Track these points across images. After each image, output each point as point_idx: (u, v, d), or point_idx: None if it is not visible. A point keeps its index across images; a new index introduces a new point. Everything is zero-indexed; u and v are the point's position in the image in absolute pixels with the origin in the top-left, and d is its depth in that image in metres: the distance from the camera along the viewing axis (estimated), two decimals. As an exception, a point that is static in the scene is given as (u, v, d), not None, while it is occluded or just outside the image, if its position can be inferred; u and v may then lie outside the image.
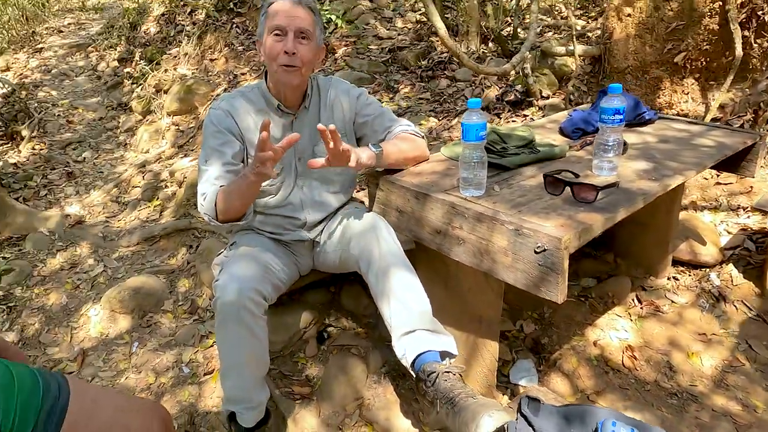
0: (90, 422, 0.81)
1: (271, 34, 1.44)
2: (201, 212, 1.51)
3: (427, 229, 1.46)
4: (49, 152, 3.97)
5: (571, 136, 1.88)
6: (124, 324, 2.26)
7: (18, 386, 0.72)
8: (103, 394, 0.90)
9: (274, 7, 1.45)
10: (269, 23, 1.44)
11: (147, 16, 5.39)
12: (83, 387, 0.86)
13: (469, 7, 3.30)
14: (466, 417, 1.05)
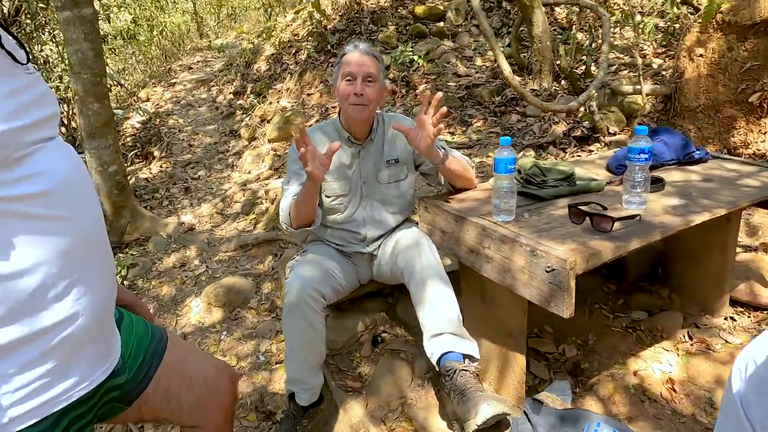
0: (179, 365, 1.08)
1: (344, 80, 1.73)
2: (280, 222, 1.83)
3: (463, 248, 1.65)
4: (173, 170, 4.64)
5: (614, 172, 1.97)
6: (217, 316, 2.65)
7: (135, 330, 1.02)
8: (191, 349, 1.18)
9: (346, 57, 1.75)
10: (342, 70, 1.74)
11: (259, 56, 6.10)
12: (179, 341, 1.15)
13: (543, 47, 3.44)
14: (470, 405, 1.22)
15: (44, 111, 0.74)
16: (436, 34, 4.79)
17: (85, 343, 0.77)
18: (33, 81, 0.74)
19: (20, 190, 0.67)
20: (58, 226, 0.72)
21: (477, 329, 1.85)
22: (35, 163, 0.69)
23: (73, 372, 0.76)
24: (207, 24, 12.58)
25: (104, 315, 0.83)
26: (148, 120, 5.48)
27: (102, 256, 0.83)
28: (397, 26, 4.95)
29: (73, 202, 0.74)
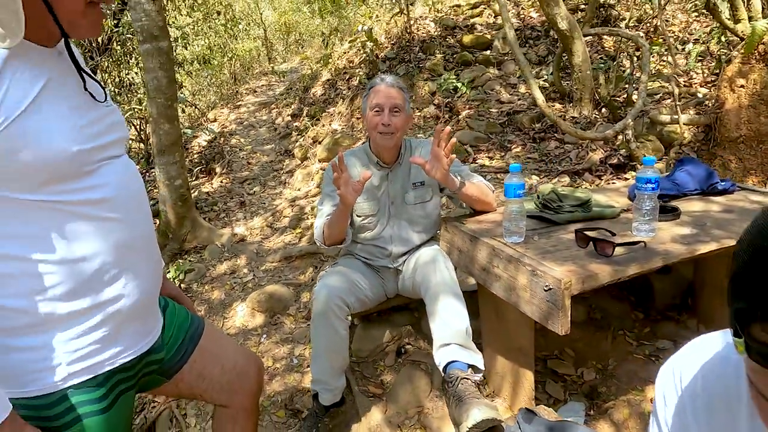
0: (213, 350, 1.23)
1: (372, 111, 1.90)
2: (315, 239, 2.00)
3: (476, 266, 1.75)
4: (231, 185, 4.99)
5: (633, 200, 2.00)
6: (259, 320, 2.85)
7: (177, 317, 1.19)
8: (224, 338, 1.33)
9: (374, 90, 1.91)
10: (370, 102, 1.90)
11: (317, 81, 6.45)
12: (214, 330, 1.30)
13: (583, 76, 3.47)
14: (463, 409, 1.31)
15: (113, 136, 0.94)
16: (482, 62, 4.91)
17: (130, 319, 0.95)
18: (108, 113, 0.95)
19: (86, 196, 0.87)
20: (113, 226, 0.90)
21: (492, 346, 1.92)
22: (100, 176, 0.89)
23: (120, 342, 0.94)
24: (276, 49, 13.32)
25: (147, 300, 1.00)
26: (214, 139, 5.92)
27: (148, 252, 1.00)
28: (445, 54, 5.12)
29: (126, 208, 0.93)
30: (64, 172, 0.84)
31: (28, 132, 0.79)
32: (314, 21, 11.21)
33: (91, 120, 0.90)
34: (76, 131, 0.86)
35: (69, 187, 0.85)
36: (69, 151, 0.83)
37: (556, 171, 3.20)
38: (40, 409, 0.87)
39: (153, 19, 3.35)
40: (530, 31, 5.25)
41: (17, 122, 0.78)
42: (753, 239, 0.45)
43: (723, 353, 0.65)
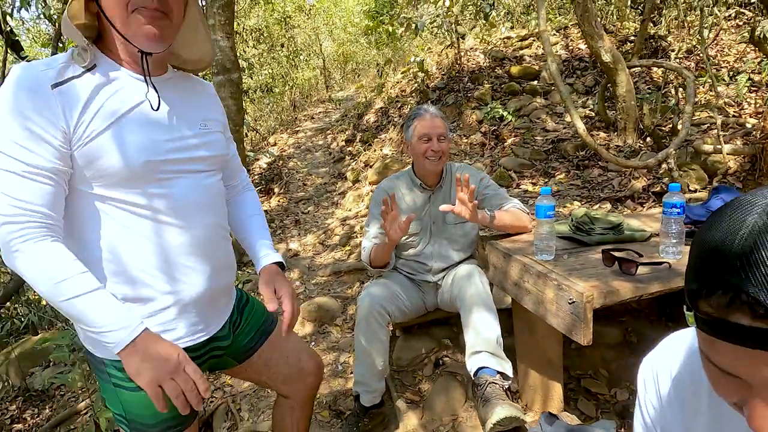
0: (280, 345, 1.37)
1: (421, 139, 2.07)
2: (362, 258, 2.19)
3: (509, 281, 1.86)
4: (288, 205, 5.31)
5: (667, 225, 2.06)
6: (308, 329, 3.05)
7: (254, 313, 1.34)
8: (294, 336, 1.45)
9: (419, 121, 2.08)
10: (417, 132, 2.07)
11: (370, 109, 6.75)
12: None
13: (627, 106, 3.52)
14: (489, 407, 1.42)
15: (193, 153, 1.06)
16: (529, 91, 5.02)
17: (187, 312, 1.09)
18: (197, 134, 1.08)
19: (151, 201, 1.00)
20: (172, 230, 1.03)
21: (524, 360, 2.01)
22: (168, 186, 1.02)
23: (179, 330, 1.09)
24: (333, 78, 13.93)
25: (206, 296, 1.11)
26: (273, 161, 6.31)
27: (209, 256, 1.10)
28: (493, 84, 5.27)
29: (189, 217, 1.05)
30: (134, 177, 0.97)
31: (108, 144, 0.94)
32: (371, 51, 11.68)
33: (172, 137, 1.03)
34: (149, 145, 0.99)
35: (135, 189, 0.98)
36: (139, 161, 0.97)
37: (598, 197, 3.25)
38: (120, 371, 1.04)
39: (227, 54, 3.73)
40: (578, 62, 5.32)
41: (101, 136, 0.94)
42: (701, 232, 0.57)
43: (690, 345, 0.75)
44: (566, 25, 6.08)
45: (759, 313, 0.46)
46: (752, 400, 0.51)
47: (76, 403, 3.31)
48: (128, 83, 1.01)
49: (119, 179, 0.97)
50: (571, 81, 5.11)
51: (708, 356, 0.54)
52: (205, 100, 1.18)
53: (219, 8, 3.57)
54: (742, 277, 0.47)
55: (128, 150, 0.96)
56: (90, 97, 0.95)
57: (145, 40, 0.97)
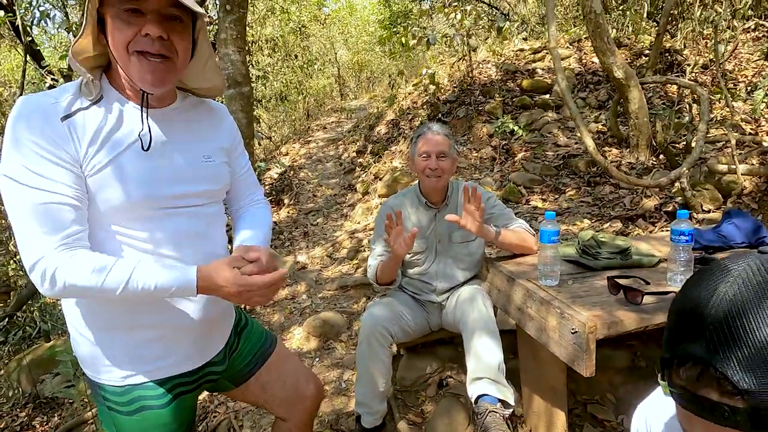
0: (278, 368, 1.37)
1: (421, 156, 2.07)
2: (368, 276, 2.17)
3: (513, 306, 1.84)
4: (297, 216, 5.32)
5: (676, 250, 2.01)
6: (313, 344, 3.04)
7: (252, 336, 1.34)
8: (291, 358, 1.45)
9: (422, 138, 2.07)
10: (419, 149, 2.07)
11: (381, 120, 6.76)
12: (284, 350, 1.43)
13: (639, 123, 3.47)
14: (488, 439, 1.40)
15: (189, 188, 1.06)
16: (541, 105, 4.99)
17: (180, 341, 1.11)
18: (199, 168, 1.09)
19: (153, 234, 1.02)
20: (172, 262, 1.04)
21: (529, 385, 1.98)
22: (169, 220, 1.04)
23: (173, 357, 1.11)
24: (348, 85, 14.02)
25: (201, 326, 1.13)
26: (284, 172, 6.35)
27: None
28: (504, 98, 5.25)
29: (186, 248, 1.07)
30: (134, 211, 0.99)
31: (110, 177, 0.96)
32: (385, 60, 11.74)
33: (172, 173, 1.04)
34: (150, 181, 1.00)
35: (136, 224, 1.01)
36: (140, 196, 0.99)
37: (609, 216, 3.20)
38: (114, 395, 1.07)
39: (238, 68, 3.77)
40: (591, 75, 5.27)
41: (105, 170, 0.96)
42: (677, 296, 0.55)
43: None
44: (580, 37, 6.04)
45: (726, 389, 0.44)
46: None
47: (83, 412, 3.33)
48: (133, 117, 1.02)
49: (119, 212, 0.99)
50: (584, 95, 5.06)
51: (683, 427, 0.53)
52: (211, 129, 1.17)
53: (231, 23, 3.62)
54: (710, 351, 0.45)
55: (129, 185, 0.98)
56: (96, 130, 0.97)
57: (144, 84, 0.98)
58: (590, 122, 4.51)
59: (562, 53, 5.83)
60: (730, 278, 0.48)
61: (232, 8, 3.61)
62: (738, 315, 0.45)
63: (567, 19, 7.43)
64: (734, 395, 0.44)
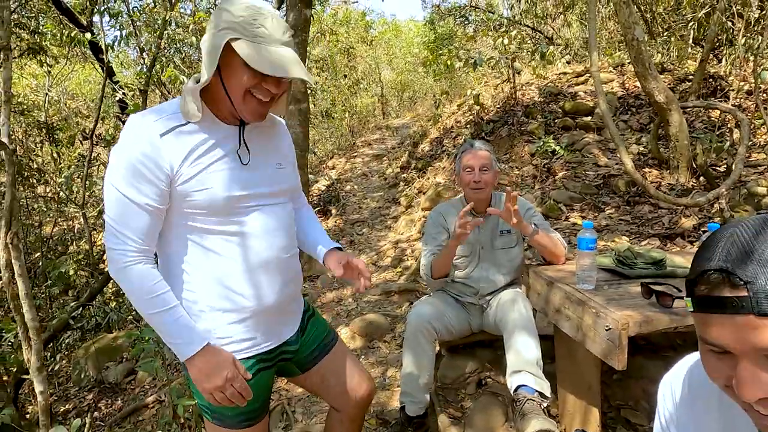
0: (336, 362, 1.50)
1: (465, 171, 2.24)
2: (422, 274, 2.34)
3: (551, 307, 1.98)
4: (344, 226, 5.58)
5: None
6: (359, 343, 3.23)
7: (317, 327, 1.48)
8: (350, 356, 1.54)
9: (465, 154, 2.25)
10: (463, 164, 2.24)
11: (425, 138, 6.99)
12: (342, 346, 1.53)
13: (679, 145, 3.53)
14: (525, 420, 1.54)
15: (264, 188, 1.24)
16: (582, 126, 5.08)
17: (262, 321, 1.27)
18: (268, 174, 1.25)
19: (234, 227, 1.19)
20: (250, 252, 1.21)
21: (564, 384, 2.10)
22: (247, 216, 1.20)
23: (256, 338, 1.26)
24: (390, 104, 14.37)
25: (279, 307, 1.28)
26: (332, 184, 6.64)
27: (280, 272, 1.26)
28: (546, 119, 5.37)
29: (266, 240, 1.23)
30: (219, 210, 1.16)
31: (199, 184, 1.13)
32: (428, 80, 12.00)
33: (252, 178, 1.21)
34: (232, 185, 1.17)
35: (224, 219, 1.17)
36: (221, 198, 1.15)
37: (647, 234, 3.28)
38: None
39: (298, 86, 4.08)
40: (633, 99, 5.34)
41: (195, 178, 1.13)
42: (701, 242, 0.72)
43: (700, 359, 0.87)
44: (623, 62, 6.11)
45: (734, 283, 0.60)
46: (739, 367, 0.62)
47: (145, 397, 3.62)
48: (225, 136, 1.20)
49: (209, 212, 1.16)
50: (625, 118, 5.13)
51: (702, 337, 0.66)
52: (280, 141, 1.36)
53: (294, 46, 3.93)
54: (719, 260, 0.62)
55: (214, 189, 1.15)
56: (191, 145, 1.14)
57: (251, 117, 1.17)
58: (631, 144, 4.58)
59: (606, 77, 5.91)
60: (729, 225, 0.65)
61: (295, 33, 3.93)
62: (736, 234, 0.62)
63: (611, 43, 7.49)
64: (740, 287, 0.60)
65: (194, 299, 1.21)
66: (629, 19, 3.43)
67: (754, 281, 0.59)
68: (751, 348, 0.60)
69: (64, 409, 4.04)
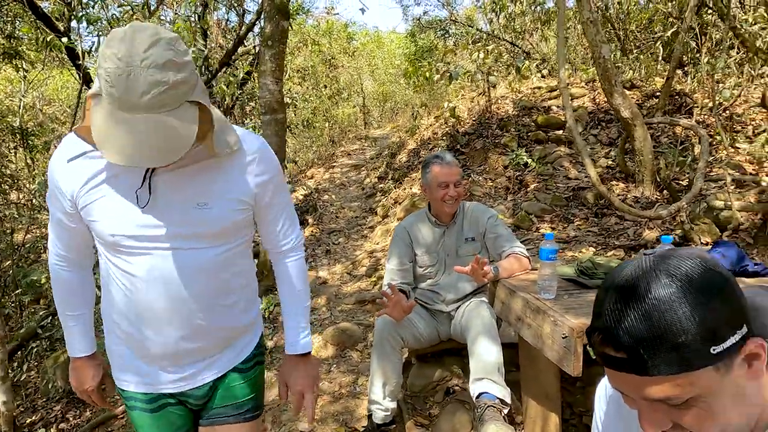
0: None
1: (439, 186, 2.29)
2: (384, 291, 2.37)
3: (513, 315, 2.03)
4: (320, 235, 5.59)
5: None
6: (330, 352, 3.24)
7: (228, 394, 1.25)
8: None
9: (436, 168, 2.29)
10: (436, 180, 2.27)
11: (403, 149, 7.06)
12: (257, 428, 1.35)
13: (644, 160, 3.66)
14: (484, 426, 1.58)
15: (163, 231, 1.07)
16: (554, 140, 5.21)
17: (134, 367, 1.20)
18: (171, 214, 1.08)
19: (124, 266, 1.10)
20: (137, 295, 1.11)
21: (527, 393, 2.15)
22: (135, 258, 1.09)
23: (127, 377, 1.22)
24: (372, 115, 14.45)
25: (158, 360, 1.17)
26: (309, 194, 6.65)
27: (173, 320, 1.12)
28: (520, 132, 5.49)
29: (150, 288, 1.10)
30: (108, 245, 1.10)
31: (93, 213, 1.08)
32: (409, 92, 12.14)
33: (139, 218, 1.07)
34: (123, 223, 1.07)
35: (114, 254, 1.11)
36: (109, 234, 1.07)
37: (613, 245, 3.37)
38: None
39: (275, 96, 4.10)
40: (603, 114, 5.49)
41: (90, 206, 1.08)
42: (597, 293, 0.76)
43: None
44: (595, 78, 6.28)
45: (617, 347, 0.65)
46: (637, 405, 0.70)
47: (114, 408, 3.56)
48: (131, 168, 1.06)
49: (107, 244, 1.11)
50: (596, 132, 5.28)
51: (608, 378, 0.73)
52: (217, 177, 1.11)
53: (271, 57, 3.97)
54: (606, 319, 0.67)
55: (101, 223, 1.08)
56: (91, 172, 1.07)
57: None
58: (600, 158, 4.71)
59: (578, 92, 6.07)
60: (619, 272, 0.70)
61: (272, 44, 3.96)
62: (621, 291, 0.67)
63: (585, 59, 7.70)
64: (620, 350, 0.65)
65: (106, 313, 1.22)
66: (596, 38, 3.55)
67: (632, 345, 0.63)
68: (640, 398, 0.67)
69: (30, 421, 3.94)
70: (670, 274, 0.66)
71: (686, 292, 0.64)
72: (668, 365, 0.63)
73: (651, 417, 0.69)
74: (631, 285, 0.67)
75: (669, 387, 0.65)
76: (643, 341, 0.64)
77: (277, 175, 1.22)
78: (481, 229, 2.35)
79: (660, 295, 0.64)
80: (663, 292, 0.65)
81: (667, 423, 0.69)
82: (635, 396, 0.69)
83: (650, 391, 0.66)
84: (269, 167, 1.18)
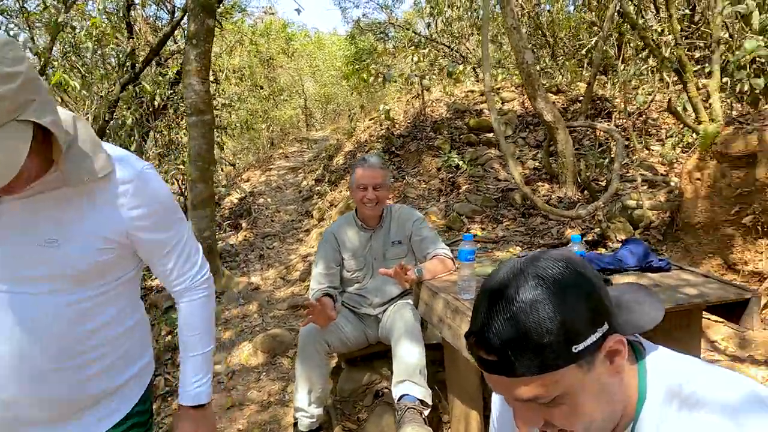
0: None
1: (359, 188, 2.28)
2: (310, 296, 2.32)
3: (435, 316, 2.05)
4: (254, 239, 5.44)
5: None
6: (260, 359, 3.15)
7: None
8: None
9: (359, 171, 2.29)
10: (357, 182, 2.28)
11: (340, 151, 7.03)
12: None
13: (566, 162, 3.85)
14: (402, 429, 1.58)
15: (26, 272, 0.92)
16: (485, 143, 5.37)
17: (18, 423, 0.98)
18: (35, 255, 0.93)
19: None
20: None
21: (452, 392, 2.18)
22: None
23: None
24: (314, 116, 14.30)
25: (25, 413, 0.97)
26: (244, 197, 6.47)
27: (27, 374, 0.95)
28: (452, 135, 5.61)
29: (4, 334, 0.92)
30: None
31: None
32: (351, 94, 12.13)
33: None
34: None
35: None
36: None
37: (538, 244, 3.51)
38: None
39: (201, 96, 3.95)
40: (532, 117, 5.72)
41: None
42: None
43: None
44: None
45: (488, 350, 0.67)
46: (513, 407, 0.72)
47: None
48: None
49: None
50: (524, 135, 5.48)
51: (486, 379, 0.75)
52: (80, 208, 0.97)
53: (196, 56, 3.82)
54: (479, 323, 0.68)
55: None
56: None
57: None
58: (528, 159, 4.90)
59: (508, 96, 6.29)
60: (494, 276, 0.72)
61: (197, 43, 3.82)
62: (495, 296, 0.68)
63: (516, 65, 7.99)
64: (490, 353, 0.66)
65: None
66: (519, 44, 3.69)
67: (501, 347, 0.65)
68: (512, 398, 0.69)
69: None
70: (538, 275, 0.68)
71: (551, 294, 0.66)
72: (534, 366, 0.65)
73: (524, 415, 0.71)
74: (502, 288, 0.69)
75: (536, 387, 0.66)
76: (511, 343, 0.65)
77: (160, 208, 1.05)
78: (407, 232, 2.37)
79: (526, 298, 0.66)
80: (529, 294, 0.66)
81: (539, 421, 0.71)
82: (508, 396, 0.70)
83: (520, 392, 0.67)
84: (147, 199, 1.02)
